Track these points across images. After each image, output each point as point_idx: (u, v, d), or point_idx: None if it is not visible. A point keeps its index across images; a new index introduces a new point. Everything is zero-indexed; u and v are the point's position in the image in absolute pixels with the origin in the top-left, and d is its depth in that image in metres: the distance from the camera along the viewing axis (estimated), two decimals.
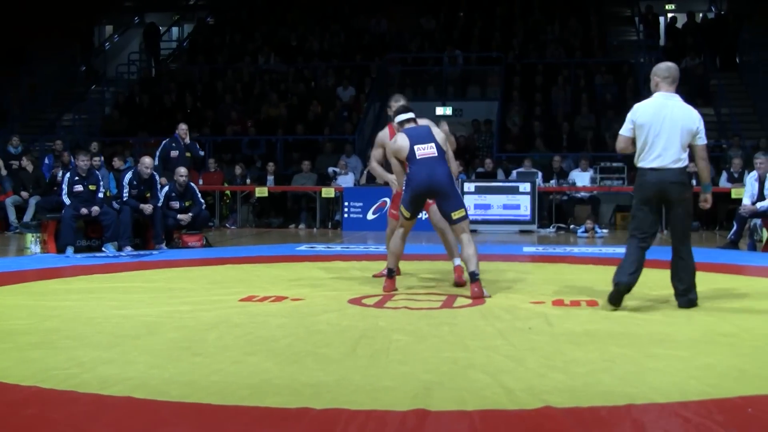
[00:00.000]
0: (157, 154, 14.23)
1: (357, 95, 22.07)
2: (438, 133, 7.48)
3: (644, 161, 6.50)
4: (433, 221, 7.92)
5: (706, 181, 6.77)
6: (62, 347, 5.17)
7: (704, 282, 7.75)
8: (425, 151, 7.29)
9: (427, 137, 7.37)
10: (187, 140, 14.59)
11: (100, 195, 12.18)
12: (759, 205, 11.67)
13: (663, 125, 6.42)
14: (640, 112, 6.55)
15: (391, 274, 7.61)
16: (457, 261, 7.82)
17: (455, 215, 7.24)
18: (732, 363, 4.69)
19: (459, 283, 7.79)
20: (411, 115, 7.63)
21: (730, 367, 4.58)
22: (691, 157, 6.59)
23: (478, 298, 6.97)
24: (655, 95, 6.60)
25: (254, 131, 20.94)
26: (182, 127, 14.52)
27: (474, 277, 7.11)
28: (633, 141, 6.58)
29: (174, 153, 14.32)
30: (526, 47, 23.71)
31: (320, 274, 8.94)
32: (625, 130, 6.59)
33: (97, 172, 13.01)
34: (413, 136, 7.39)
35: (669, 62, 6.77)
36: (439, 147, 7.34)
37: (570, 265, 9.83)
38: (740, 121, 19.57)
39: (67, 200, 11.70)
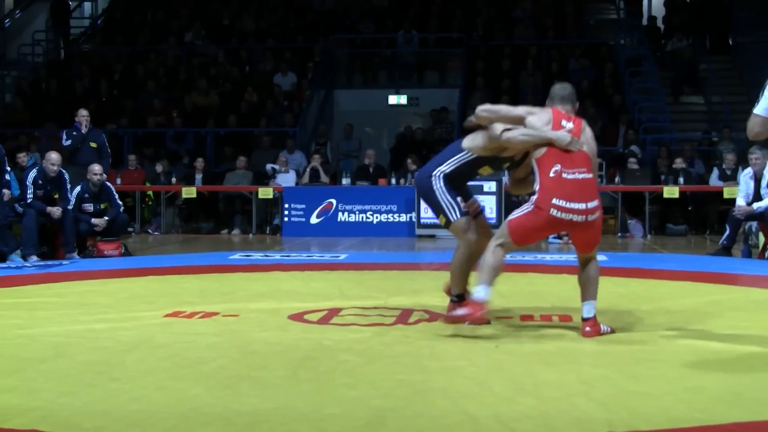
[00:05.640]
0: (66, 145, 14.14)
1: (298, 82, 22.04)
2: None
3: None
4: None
5: None
6: None
7: (694, 293, 7.87)
8: None
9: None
10: (86, 128, 14.35)
11: None
12: (755, 206, 11.69)
13: None
14: None
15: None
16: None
17: (440, 222, 6.73)
18: (725, 385, 4.74)
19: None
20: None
21: (723, 390, 4.63)
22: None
23: (450, 320, 6.35)
24: None
25: (180, 123, 20.83)
26: (82, 113, 14.37)
27: (452, 298, 6.65)
28: None
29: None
30: (491, 27, 23.84)
31: (257, 287, 8.90)
32: (764, 109, 5.37)
33: None
34: None
35: None
36: (455, 142, 6.87)
37: (541, 275, 9.89)
38: (733, 111, 19.68)
39: None
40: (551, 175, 6.01)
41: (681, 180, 16.25)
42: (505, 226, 6.18)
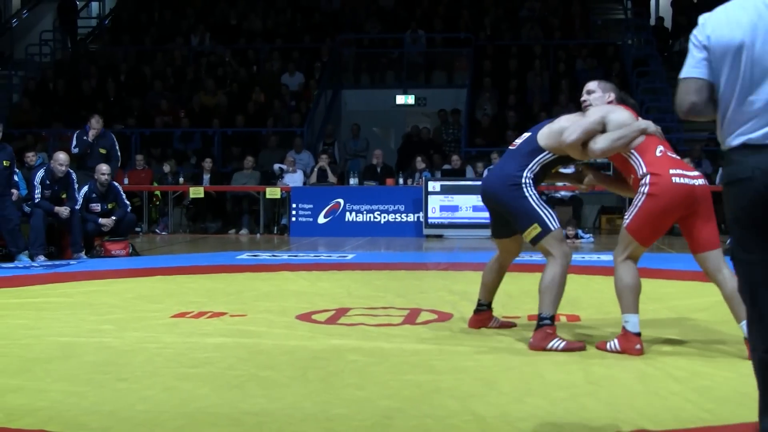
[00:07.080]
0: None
1: (306, 82, 22.03)
2: (564, 119, 5.98)
3: (732, 134, 3.55)
4: None
5: None
6: None
7: (701, 293, 7.84)
8: (515, 141, 6.20)
9: (540, 125, 6.12)
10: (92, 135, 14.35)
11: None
12: None
13: None
14: (713, 23, 3.33)
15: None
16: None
17: (527, 236, 5.96)
18: (732, 385, 4.72)
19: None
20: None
21: (731, 390, 4.62)
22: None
23: (536, 349, 5.64)
24: None
25: (187, 123, 20.81)
26: (94, 124, 14.36)
27: (540, 320, 5.80)
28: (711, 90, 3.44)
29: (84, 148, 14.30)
30: (498, 27, 23.81)
31: (264, 287, 8.90)
32: (691, 68, 3.41)
33: None
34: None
35: None
36: (530, 138, 6.01)
37: None
38: None
39: None
40: (658, 154, 5.66)
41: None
42: (624, 232, 5.67)
